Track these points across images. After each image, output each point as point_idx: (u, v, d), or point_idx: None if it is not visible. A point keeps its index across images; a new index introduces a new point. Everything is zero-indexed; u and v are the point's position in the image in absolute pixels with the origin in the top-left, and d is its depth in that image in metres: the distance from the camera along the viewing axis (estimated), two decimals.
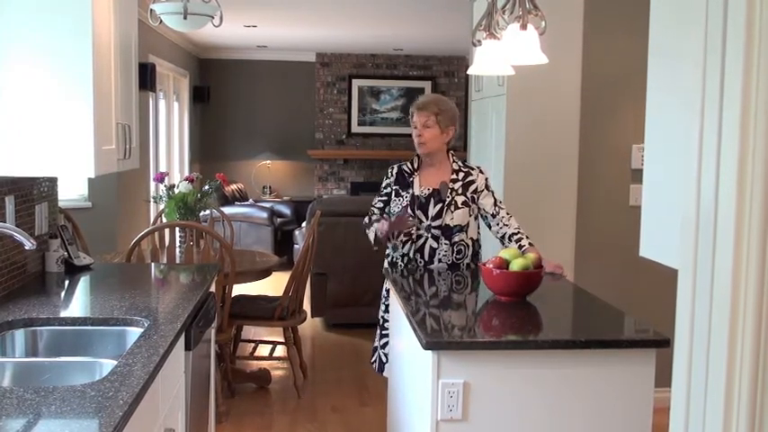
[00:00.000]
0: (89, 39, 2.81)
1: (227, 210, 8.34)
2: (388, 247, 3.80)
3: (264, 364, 5.54)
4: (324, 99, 11.34)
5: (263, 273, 5.03)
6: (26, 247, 2.53)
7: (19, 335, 2.60)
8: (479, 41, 3.54)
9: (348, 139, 11.41)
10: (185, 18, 4.03)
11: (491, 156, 4.98)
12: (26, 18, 2.77)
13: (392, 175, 3.84)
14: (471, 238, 3.77)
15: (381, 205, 3.84)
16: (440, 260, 3.72)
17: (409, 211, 3.69)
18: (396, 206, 3.76)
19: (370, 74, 11.36)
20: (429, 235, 3.71)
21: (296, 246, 8.79)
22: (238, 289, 4.98)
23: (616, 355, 2.63)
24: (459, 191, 3.72)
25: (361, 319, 6.36)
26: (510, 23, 3.25)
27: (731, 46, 1.25)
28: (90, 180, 6.19)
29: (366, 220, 3.86)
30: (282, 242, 9.57)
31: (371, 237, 3.77)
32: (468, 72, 4.00)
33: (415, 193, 3.73)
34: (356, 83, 11.33)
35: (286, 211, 10.40)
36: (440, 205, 3.71)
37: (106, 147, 3.02)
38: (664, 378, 2.09)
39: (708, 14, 1.30)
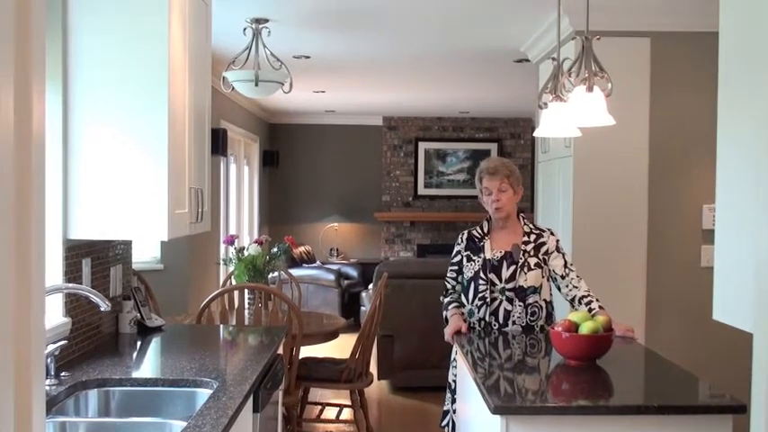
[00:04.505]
0: (165, 107, 2.91)
1: (295, 272, 8.42)
2: (463, 313, 3.78)
3: (331, 427, 5.52)
4: (390, 162, 11.45)
5: (331, 335, 5.04)
6: (101, 309, 2.60)
7: (92, 395, 2.66)
8: (545, 104, 3.55)
9: (415, 201, 11.46)
10: (257, 85, 4.15)
11: (558, 217, 4.94)
12: (106, 87, 2.89)
13: (462, 241, 3.84)
14: (545, 300, 3.74)
15: (454, 275, 3.84)
16: (514, 322, 3.68)
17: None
18: (468, 271, 3.75)
19: (437, 136, 11.45)
20: (503, 297, 3.69)
21: (363, 308, 8.80)
22: (305, 351, 4.99)
23: (691, 421, 2.55)
24: (532, 252, 3.71)
25: (429, 382, 6.30)
26: (576, 86, 3.26)
27: None
28: (162, 242, 6.33)
29: (442, 298, 3.89)
30: (349, 304, 9.59)
31: (447, 319, 3.81)
32: (535, 134, 4.02)
33: (487, 257, 3.72)
34: (422, 145, 11.43)
35: (353, 273, 10.45)
36: (513, 267, 3.69)
37: (179, 210, 3.10)
38: None
39: None
